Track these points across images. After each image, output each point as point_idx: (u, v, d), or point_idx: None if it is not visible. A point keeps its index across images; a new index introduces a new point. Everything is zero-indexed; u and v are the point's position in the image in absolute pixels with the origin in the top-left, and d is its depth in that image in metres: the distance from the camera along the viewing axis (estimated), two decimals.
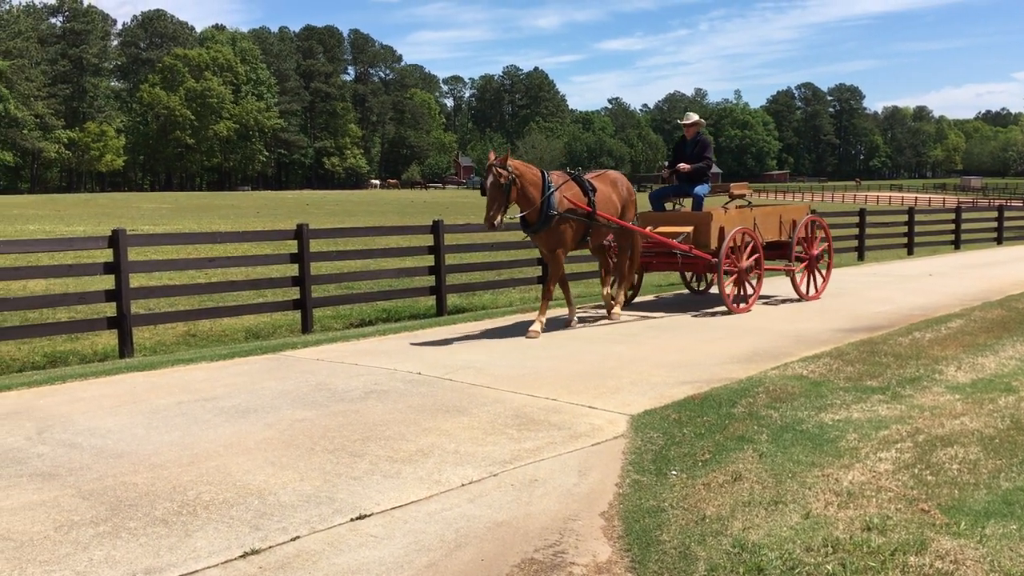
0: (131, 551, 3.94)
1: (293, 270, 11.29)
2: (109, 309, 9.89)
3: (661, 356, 8.40)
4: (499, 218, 9.24)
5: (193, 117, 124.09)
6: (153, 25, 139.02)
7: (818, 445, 5.41)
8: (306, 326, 11.14)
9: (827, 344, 8.88)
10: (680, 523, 4.22)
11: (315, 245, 11.72)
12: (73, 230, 27.47)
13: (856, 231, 20.91)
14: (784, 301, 12.22)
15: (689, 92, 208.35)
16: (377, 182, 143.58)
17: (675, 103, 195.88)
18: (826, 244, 13.29)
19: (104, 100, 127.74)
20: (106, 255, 9.79)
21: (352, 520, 4.28)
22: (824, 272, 13.10)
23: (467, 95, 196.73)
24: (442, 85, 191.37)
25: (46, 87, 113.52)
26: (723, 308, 11.30)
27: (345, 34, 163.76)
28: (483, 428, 5.89)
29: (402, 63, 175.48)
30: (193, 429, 5.94)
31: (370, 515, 4.35)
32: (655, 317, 10.97)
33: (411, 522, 4.27)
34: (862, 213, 21.16)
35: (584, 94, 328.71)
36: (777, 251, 12.59)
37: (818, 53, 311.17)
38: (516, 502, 4.54)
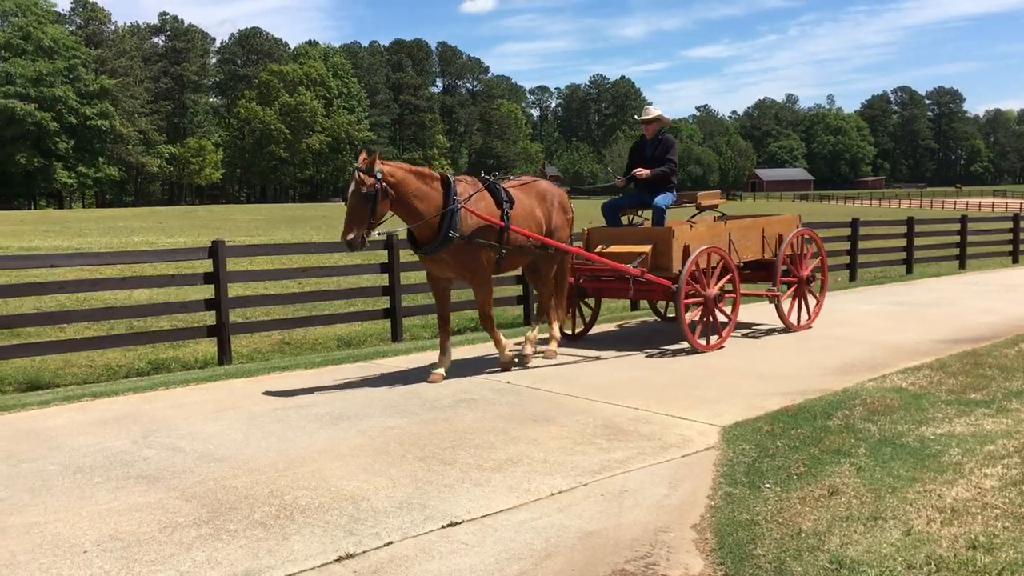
0: (232, 553, 4.06)
1: (383, 280, 11.50)
2: (209, 318, 10.22)
3: (752, 367, 8.26)
4: (355, 234, 7.24)
5: (287, 131, 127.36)
6: (249, 42, 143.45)
7: (919, 460, 5.23)
8: (396, 335, 11.31)
9: (927, 355, 8.60)
10: (775, 537, 4.13)
11: (404, 255, 11.90)
12: (175, 241, 28.49)
13: (957, 239, 20.30)
14: (770, 332, 10.52)
15: (779, 98, 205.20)
16: None
17: (765, 109, 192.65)
18: (819, 260, 11.25)
19: (203, 116, 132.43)
20: (206, 266, 10.13)
21: (443, 527, 4.33)
22: (818, 295, 11.18)
23: (553, 105, 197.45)
24: (528, 95, 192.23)
25: (149, 104, 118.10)
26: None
27: (433, 47, 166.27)
28: (572, 438, 5.89)
29: (489, 74, 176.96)
30: (289, 435, 6.10)
31: (461, 522, 4.39)
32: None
33: (501, 530, 4.29)
34: (963, 220, 20.51)
35: (671, 102, 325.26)
36: (762, 271, 10.70)
37: (915, 56, 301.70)
38: (606, 512, 4.52)
